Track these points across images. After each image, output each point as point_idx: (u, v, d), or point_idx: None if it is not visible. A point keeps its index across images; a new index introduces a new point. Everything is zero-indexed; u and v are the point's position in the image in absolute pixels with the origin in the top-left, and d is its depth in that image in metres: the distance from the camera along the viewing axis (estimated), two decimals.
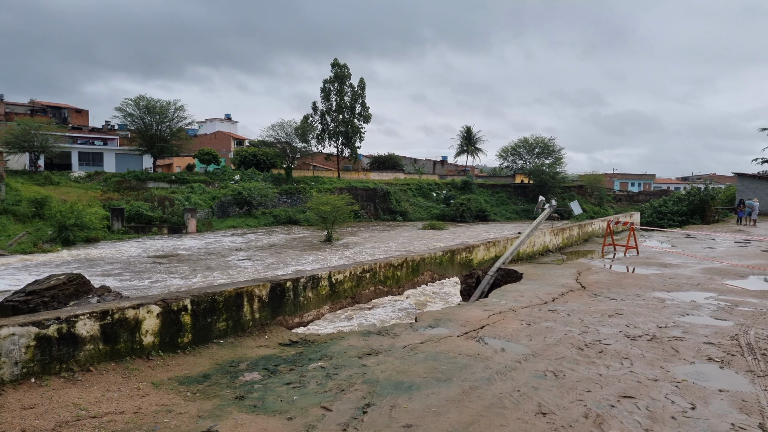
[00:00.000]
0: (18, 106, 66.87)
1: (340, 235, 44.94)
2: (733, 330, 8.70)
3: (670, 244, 22.71)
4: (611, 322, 9.03)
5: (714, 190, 35.69)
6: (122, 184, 53.25)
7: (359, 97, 63.66)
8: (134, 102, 56.29)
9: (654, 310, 10.14)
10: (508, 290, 11.63)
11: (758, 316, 9.75)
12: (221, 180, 57.55)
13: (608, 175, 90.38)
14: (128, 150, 60.72)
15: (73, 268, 25.90)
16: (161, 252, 35.21)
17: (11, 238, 36.52)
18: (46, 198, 42.80)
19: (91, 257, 31.94)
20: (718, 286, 12.96)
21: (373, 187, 63.02)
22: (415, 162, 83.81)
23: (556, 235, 19.56)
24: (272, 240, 42.12)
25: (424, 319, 8.74)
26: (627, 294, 11.74)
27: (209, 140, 76.20)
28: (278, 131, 61.87)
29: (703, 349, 7.54)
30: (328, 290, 8.75)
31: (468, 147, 76.12)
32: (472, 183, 67.36)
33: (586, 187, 70.71)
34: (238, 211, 54.78)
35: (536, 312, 9.62)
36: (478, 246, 14.16)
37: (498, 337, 7.86)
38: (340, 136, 64.21)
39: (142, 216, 46.51)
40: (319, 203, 42.38)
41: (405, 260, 10.91)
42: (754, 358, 7.21)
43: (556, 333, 8.20)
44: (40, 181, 51.37)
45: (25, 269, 26.21)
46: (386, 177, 68.43)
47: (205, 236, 44.22)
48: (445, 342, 7.45)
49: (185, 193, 51.89)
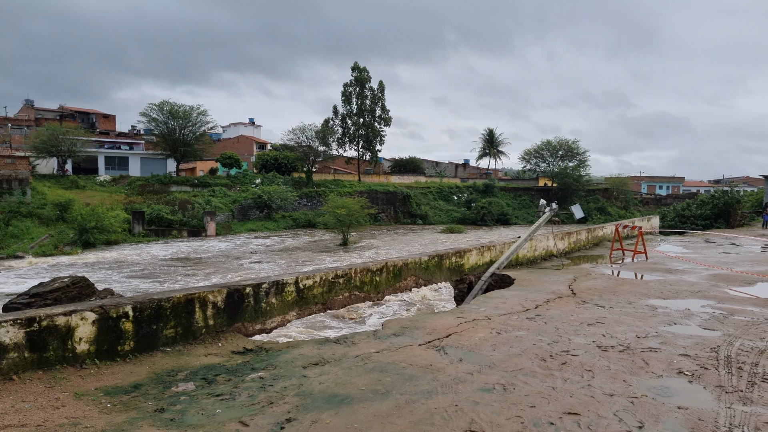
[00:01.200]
0: (47, 112, 68.79)
1: (358, 238, 44.87)
2: (718, 341, 8.23)
3: (686, 249, 21.94)
4: (588, 331, 8.65)
5: (739, 194, 34.39)
6: (145, 187, 54.17)
7: (379, 100, 63.62)
8: (158, 107, 57.29)
9: (640, 318, 9.70)
10: (492, 297, 11.29)
11: (751, 326, 9.23)
12: (242, 183, 58.07)
13: (635, 177, 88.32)
14: (152, 154, 61.82)
15: (86, 270, 26.36)
16: (179, 255, 35.65)
17: (34, 240, 37.49)
18: (70, 201, 43.75)
19: (108, 260, 32.49)
20: (719, 293, 12.38)
21: (393, 191, 62.86)
22: (436, 165, 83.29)
23: (562, 239, 19.05)
24: (288, 243, 42.28)
25: (390, 326, 8.50)
26: (618, 301, 11.29)
27: (232, 144, 77.11)
28: (299, 135, 62.23)
29: (676, 362, 7.13)
30: (294, 296, 8.58)
31: (490, 150, 75.26)
32: (493, 186, 66.61)
33: (611, 190, 69.17)
34: (258, 215, 55.20)
35: (512, 320, 9.29)
36: (470, 251, 13.84)
37: (461, 346, 7.57)
38: (361, 140, 64.24)
39: (163, 219, 47.19)
40: (335, 207, 42.37)
41: (385, 265, 10.68)
42: (728, 372, 6.78)
43: (525, 342, 7.87)
44: (67, 185, 52.58)
45: (41, 271, 26.78)
46: (407, 180, 68.17)
47: (223, 239, 44.65)
48: (402, 351, 7.20)
49: (205, 197, 52.53)
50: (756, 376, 6.62)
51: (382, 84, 63.69)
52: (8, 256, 33.68)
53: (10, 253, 34.32)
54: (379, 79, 62.56)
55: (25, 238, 38.45)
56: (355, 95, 63.39)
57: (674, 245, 23.85)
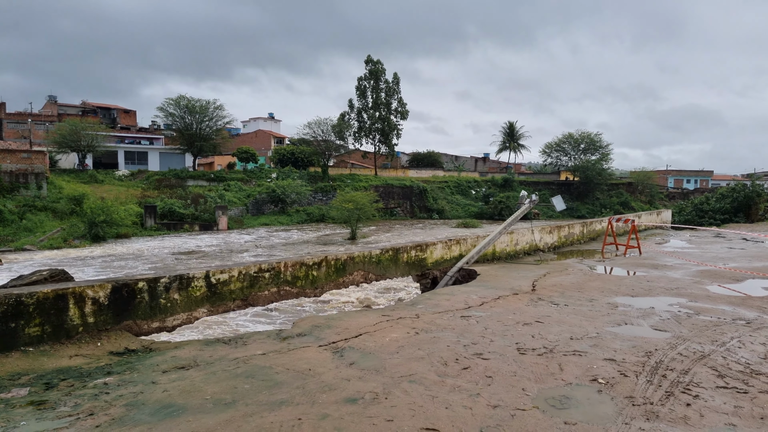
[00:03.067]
0: (70, 107, 70.06)
1: (371, 232, 44.39)
2: (659, 344, 7.40)
3: (689, 244, 20.69)
4: (519, 331, 7.89)
5: (761, 187, 32.50)
6: (162, 182, 54.59)
7: (395, 92, 62.75)
8: (175, 102, 57.62)
9: (589, 318, 8.87)
10: (440, 293, 10.58)
11: (709, 328, 8.34)
12: (258, 178, 58.05)
13: (662, 171, 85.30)
14: (170, 149, 62.35)
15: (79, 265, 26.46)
16: (185, 248, 35.66)
17: (46, 234, 38.05)
18: (84, 195, 44.24)
19: (113, 253, 32.65)
20: (697, 291, 11.42)
21: (409, 185, 62.06)
22: (456, 159, 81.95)
23: (550, 233, 18.09)
24: (297, 237, 41.99)
25: (300, 325, 7.88)
26: (579, 299, 10.46)
27: (250, 139, 77.31)
28: (315, 129, 61.87)
29: (595, 368, 6.35)
30: (205, 291, 8.03)
31: (510, 144, 73.52)
32: (512, 180, 65.13)
33: (636, 184, 66.92)
34: (273, 209, 55.09)
35: (443, 318, 8.57)
36: (434, 244, 13.08)
37: (362, 348, 6.90)
38: (377, 133, 63.55)
39: (175, 213, 47.40)
40: (343, 201, 41.91)
41: (324, 259, 10.05)
42: (648, 380, 5.97)
43: (439, 344, 7.16)
44: (86, 180, 53.36)
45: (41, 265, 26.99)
46: (424, 174, 67.25)
47: (234, 233, 44.61)
48: (293, 354, 6.57)
49: (219, 191, 52.65)
50: (678, 385, 5.82)
51: (397, 76, 62.79)
52: (16, 249, 34.15)
53: (18, 246, 34.80)
54: (394, 72, 61.69)
55: (38, 231, 39.02)
56: (370, 89, 62.68)
57: (681, 240, 22.59)
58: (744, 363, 6.67)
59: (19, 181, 44.58)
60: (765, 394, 5.64)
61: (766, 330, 8.33)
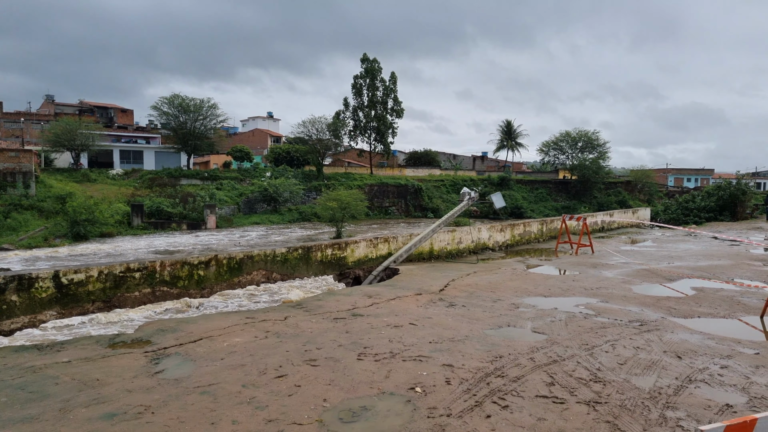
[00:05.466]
0: (67, 107, 70.45)
1: (359, 231, 44.02)
2: (521, 347, 6.96)
3: (653, 243, 20.02)
4: (381, 335, 7.48)
5: (747, 185, 31.54)
6: (155, 181, 54.55)
7: (391, 91, 62.21)
8: (169, 100, 57.58)
9: (473, 320, 8.44)
10: (337, 293, 10.15)
11: (594, 330, 7.88)
12: (253, 177, 57.86)
13: (661, 170, 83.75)
14: (165, 148, 62.42)
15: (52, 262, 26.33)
16: (166, 247, 35.50)
17: (29, 232, 38.13)
18: (70, 194, 44.26)
19: (92, 251, 32.55)
20: (618, 291, 10.94)
21: (404, 184, 61.53)
22: (453, 158, 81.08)
23: (501, 231, 17.54)
24: (282, 237, 41.68)
25: (144, 329, 7.51)
26: (484, 299, 10.00)
27: (247, 138, 77.15)
28: (309, 128, 61.54)
29: (425, 375, 5.93)
30: (53, 292, 7.68)
31: (508, 142, 72.55)
32: (509, 179, 64.27)
33: (634, 182, 65.62)
34: (265, 208, 54.82)
35: (311, 321, 8.18)
36: (355, 242, 12.64)
37: (190, 355, 6.53)
38: (373, 132, 63.08)
39: (163, 212, 47.23)
40: (327, 199, 41.57)
41: (214, 258, 9.66)
42: (467, 389, 5.58)
43: (278, 349, 6.77)
44: (78, 179, 53.45)
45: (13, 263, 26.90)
46: (421, 173, 66.65)
47: (220, 232, 44.37)
48: (101, 362, 6.21)
49: (210, 190, 52.53)
50: (495, 395, 5.41)
51: (395, 75, 62.25)
52: None
53: None
54: (392, 71, 61.22)
55: (22, 230, 39.12)
56: (366, 87, 62.22)
57: (649, 239, 21.91)
58: (594, 369, 6.20)
59: (6, 180, 44.71)
60: (582, 405, 5.18)
61: (653, 333, 7.83)
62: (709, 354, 6.96)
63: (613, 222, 24.67)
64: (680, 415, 5.00)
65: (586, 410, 5.04)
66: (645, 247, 18.81)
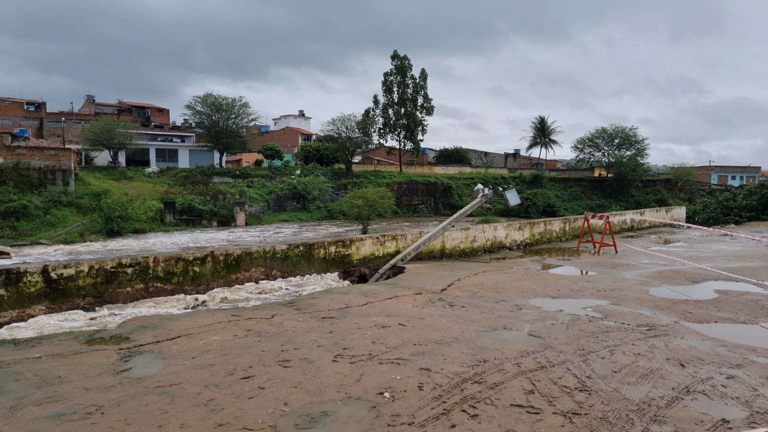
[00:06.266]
0: (107, 107, 72.41)
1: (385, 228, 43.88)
2: (510, 352, 6.60)
3: (684, 243, 19.13)
4: (366, 335, 7.23)
5: None
6: (188, 178, 55.51)
7: (421, 88, 61.71)
8: (202, 99, 58.53)
9: (468, 321, 8.08)
10: (334, 291, 9.91)
11: (595, 334, 7.46)
12: (283, 175, 58.29)
13: (704, 168, 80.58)
14: (199, 146, 63.49)
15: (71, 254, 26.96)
16: (195, 243, 36.01)
17: (66, 228, 39.23)
18: (105, 191, 45.36)
19: (117, 247, 33.25)
20: (632, 293, 10.38)
21: (434, 181, 61.03)
22: (485, 155, 79.95)
23: (520, 229, 17.00)
24: (309, 234, 41.81)
25: (126, 325, 7.41)
26: (487, 300, 9.62)
27: (278, 136, 77.78)
28: (339, 125, 61.62)
29: (398, 379, 5.69)
30: (42, 287, 7.67)
31: (541, 139, 71.10)
32: (542, 177, 62.93)
33: (675, 180, 63.38)
34: (295, 205, 55.16)
35: (297, 320, 7.95)
36: (360, 240, 12.37)
37: (163, 353, 6.39)
38: (402, 129, 62.75)
39: (194, 209, 47.98)
40: (353, 197, 41.52)
41: (210, 254, 9.54)
42: (438, 395, 5.24)
43: (253, 349, 6.58)
44: (116, 176, 54.85)
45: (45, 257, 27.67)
46: (451, 171, 65.97)
47: (249, 229, 44.83)
48: (71, 359, 6.11)
49: (240, 187, 53.12)
50: (466, 402, 5.12)
51: (425, 72, 61.77)
52: (32, 243, 35.17)
53: (35, 240, 35.82)
54: (422, 67, 60.74)
55: (60, 226, 40.28)
56: (396, 84, 61.91)
57: (681, 239, 20.97)
58: (584, 377, 5.77)
59: (47, 177, 46.18)
60: (559, 416, 4.79)
61: (659, 339, 7.32)
62: (717, 362, 6.43)
63: (644, 221, 23.74)
64: (666, 431, 4.56)
65: (561, 422, 4.65)
66: (674, 247, 17.98)
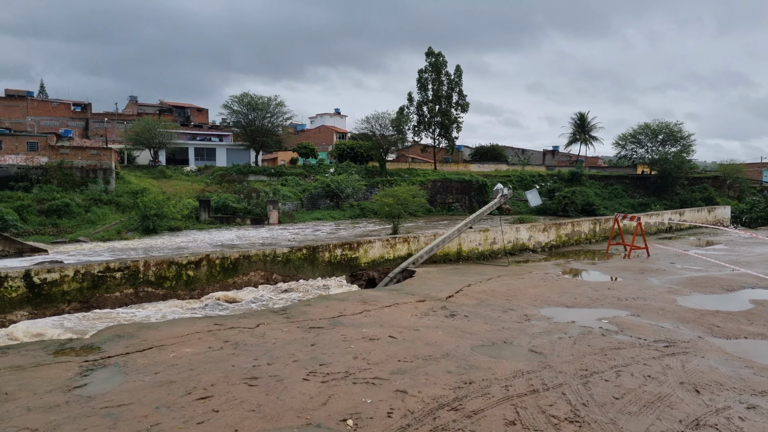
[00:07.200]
0: (148, 107, 74.10)
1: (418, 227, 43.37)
2: (502, 371, 6.05)
3: (725, 246, 17.92)
4: (349, 349, 6.78)
5: None
6: (224, 177, 56.21)
7: (456, 85, 60.73)
8: (239, 99, 59.21)
9: (467, 334, 7.52)
10: (331, 297, 9.45)
11: (603, 351, 6.80)
12: (317, 173, 58.37)
13: (756, 164, 76.43)
14: (236, 145, 64.27)
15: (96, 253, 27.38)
16: (226, 241, 36.26)
17: (104, 225, 40.17)
18: (143, 190, 46.26)
19: (151, 244, 33.73)
20: (657, 303, 9.58)
21: (468, 179, 60.02)
22: (522, 153, 78.11)
23: (545, 231, 16.18)
24: (339, 232, 41.60)
25: (102, 334, 7.12)
26: (494, 309, 9.01)
27: (314, 135, 77.94)
28: (373, 123, 61.27)
29: (369, 402, 5.23)
30: (24, 292, 7.47)
31: (581, 135, 68.89)
32: (581, 174, 60.99)
33: (723, 178, 60.39)
34: (328, 203, 55.14)
35: (282, 331, 7.54)
36: (369, 242, 11.87)
37: (130, 366, 6.08)
38: (437, 127, 61.95)
39: (228, 207, 48.46)
40: (383, 195, 41.10)
41: (205, 257, 9.22)
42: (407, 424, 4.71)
43: (224, 363, 6.21)
44: (156, 175, 55.99)
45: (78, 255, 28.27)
46: (486, 169, 64.75)
47: (281, 227, 44.95)
48: (24, 372, 5.81)
49: (274, 186, 53.43)
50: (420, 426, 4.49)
51: (460, 69, 60.74)
52: (71, 240, 36.04)
53: (73, 237, 36.70)
54: (457, 64, 59.77)
55: (100, 224, 41.27)
56: (431, 81, 61.13)
57: (723, 241, 19.70)
58: (579, 404, 5.15)
59: (89, 176, 47.47)
60: None
61: (676, 358, 6.59)
62: (739, 388, 5.68)
63: (684, 221, 22.43)
64: None
65: None
66: (713, 250, 16.83)
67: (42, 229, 37.63)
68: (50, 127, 66.04)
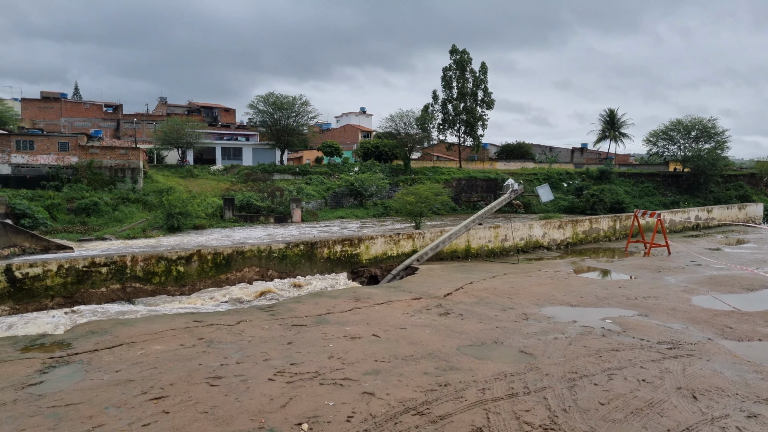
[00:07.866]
0: (177, 107, 75.22)
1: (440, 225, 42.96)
2: (484, 373, 5.71)
3: (754, 245, 17.05)
4: (326, 348, 6.51)
5: None
6: (250, 176, 56.60)
7: (481, 82, 59.87)
8: (264, 98, 59.60)
9: (455, 333, 7.15)
10: (323, 293, 9.16)
11: (600, 353, 6.38)
12: (341, 171, 58.31)
13: None
14: (262, 144, 64.73)
15: None
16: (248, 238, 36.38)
17: (131, 224, 40.81)
18: (169, 189, 46.85)
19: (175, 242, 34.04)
20: (669, 303, 9.05)
21: (494, 177, 59.13)
22: (550, 150, 76.57)
23: (560, 228, 15.60)
24: (368, 230, 41.36)
25: (76, 330, 6.97)
26: (493, 307, 8.61)
27: (339, 133, 77.95)
28: (397, 122, 60.90)
29: (331, 405, 4.94)
30: (5, 287, 7.38)
31: (611, 132, 67.12)
32: (610, 172, 59.45)
33: (760, 175, 58.10)
34: (351, 202, 55.03)
35: (262, 328, 7.30)
36: (370, 238, 11.54)
37: (94, 364, 5.91)
38: (462, 125, 61.23)
39: (252, 206, 48.69)
40: (405, 194, 40.76)
41: (196, 252, 9.03)
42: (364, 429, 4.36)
43: (191, 362, 6.02)
44: (183, 174, 56.72)
45: None
46: (513, 167, 63.69)
47: (307, 225, 44.96)
48: None
49: (298, 184, 53.57)
50: None
51: (485, 66, 59.86)
52: (97, 237, 36.64)
53: (100, 235, 37.30)
54: (482, 61, 58.96)
55: (127, 222, 41.94)
56: (455, 79, 60.46)
57: (753, 238, 18.79)
58: (558, 410, 4.74)
59: (117, 175, 48.32)
60: None
61: (678, 361, 6.11)
62: (741, 395, 5.18)
63: (712, 219, 21.47)
64: None
65: None
66: (740, 249, 16.01)
67: (70, 227, 38.30)
68: (83, 128, 67.51)
